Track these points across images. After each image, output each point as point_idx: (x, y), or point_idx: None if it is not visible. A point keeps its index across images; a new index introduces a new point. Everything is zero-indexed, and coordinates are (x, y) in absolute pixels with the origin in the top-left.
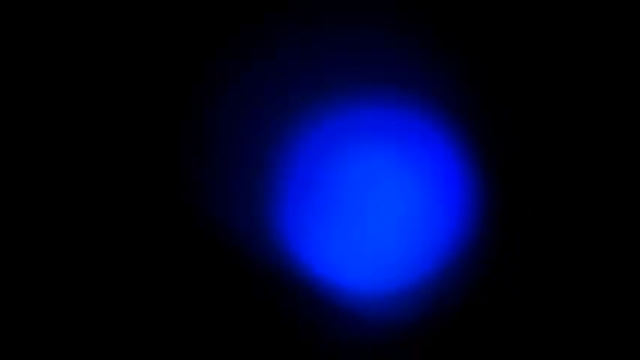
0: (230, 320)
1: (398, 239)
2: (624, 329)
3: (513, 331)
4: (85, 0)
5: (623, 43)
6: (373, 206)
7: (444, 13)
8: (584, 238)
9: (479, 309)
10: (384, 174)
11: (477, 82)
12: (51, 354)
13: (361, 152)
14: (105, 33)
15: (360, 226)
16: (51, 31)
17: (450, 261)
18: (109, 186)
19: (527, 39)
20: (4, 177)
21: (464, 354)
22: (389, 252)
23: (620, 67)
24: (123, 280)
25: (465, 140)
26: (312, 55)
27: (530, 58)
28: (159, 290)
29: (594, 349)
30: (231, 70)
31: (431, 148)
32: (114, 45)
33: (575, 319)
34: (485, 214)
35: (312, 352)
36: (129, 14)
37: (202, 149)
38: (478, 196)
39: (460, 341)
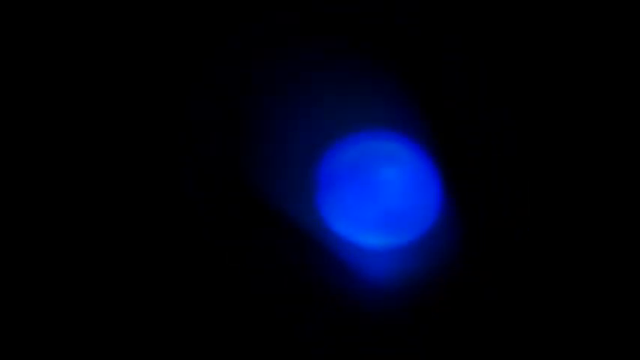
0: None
1: (401, 210)
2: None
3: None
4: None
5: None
6: (383, 190)
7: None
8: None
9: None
10: (390, 168)
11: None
12: (51, 354)
13: (374, 153)
14: (107, 33)
15: (375, 203)
16: (51, 31)
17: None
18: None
19: (507, 46)
20: (4, 177)
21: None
22: (394, 220)
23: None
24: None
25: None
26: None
27: (513, 64)
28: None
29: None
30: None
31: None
32: (128, 45)
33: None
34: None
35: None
36: (134, 14)
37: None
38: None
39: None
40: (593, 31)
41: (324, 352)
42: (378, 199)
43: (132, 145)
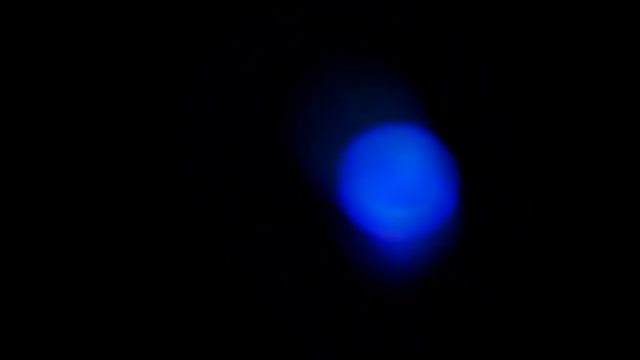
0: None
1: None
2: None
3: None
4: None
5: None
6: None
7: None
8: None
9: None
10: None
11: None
12: (51, 354)
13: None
14: (107, 33)
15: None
16: (51, 31)
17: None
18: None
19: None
20: (4, 177)
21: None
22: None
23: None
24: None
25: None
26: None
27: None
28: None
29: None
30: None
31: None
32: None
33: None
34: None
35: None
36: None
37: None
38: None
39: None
40: (593, 31)
41: (324, 352)
42: (392, 193)
43: (132, 145)
